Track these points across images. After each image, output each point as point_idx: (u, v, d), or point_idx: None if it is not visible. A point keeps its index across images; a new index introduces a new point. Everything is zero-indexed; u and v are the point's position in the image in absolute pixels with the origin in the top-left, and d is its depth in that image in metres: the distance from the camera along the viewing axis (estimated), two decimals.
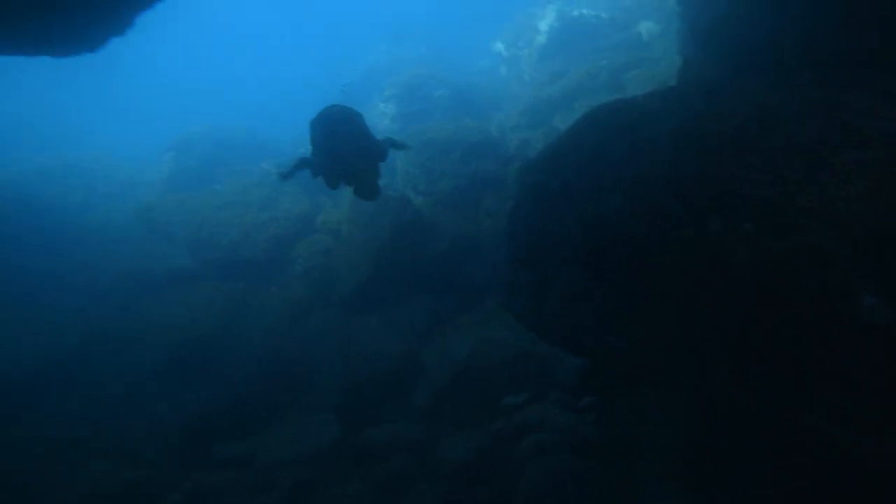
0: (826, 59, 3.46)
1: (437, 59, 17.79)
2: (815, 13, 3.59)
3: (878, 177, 2.60)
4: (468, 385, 5.75)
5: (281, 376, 6.27)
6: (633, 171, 3.67)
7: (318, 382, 6.22)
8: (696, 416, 3.16)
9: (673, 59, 8.46)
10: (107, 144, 15.22)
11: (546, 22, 13.66)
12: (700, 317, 2.93)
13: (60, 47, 4.54)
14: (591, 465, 3.87)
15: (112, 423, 5.62)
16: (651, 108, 4.24)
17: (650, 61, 10.55)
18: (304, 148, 5.27)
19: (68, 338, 6.80)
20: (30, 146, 13.92)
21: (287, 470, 4.66)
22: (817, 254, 2.53)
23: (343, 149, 4.37)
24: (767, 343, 2.55)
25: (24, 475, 4.91)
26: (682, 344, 3.00)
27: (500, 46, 15.50)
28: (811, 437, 2.37)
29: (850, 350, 2.30)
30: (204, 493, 4.62)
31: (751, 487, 3.01)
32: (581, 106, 10.35)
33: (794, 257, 2.56)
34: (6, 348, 6.46)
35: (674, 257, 3.11)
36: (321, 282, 8.59)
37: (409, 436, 4.97)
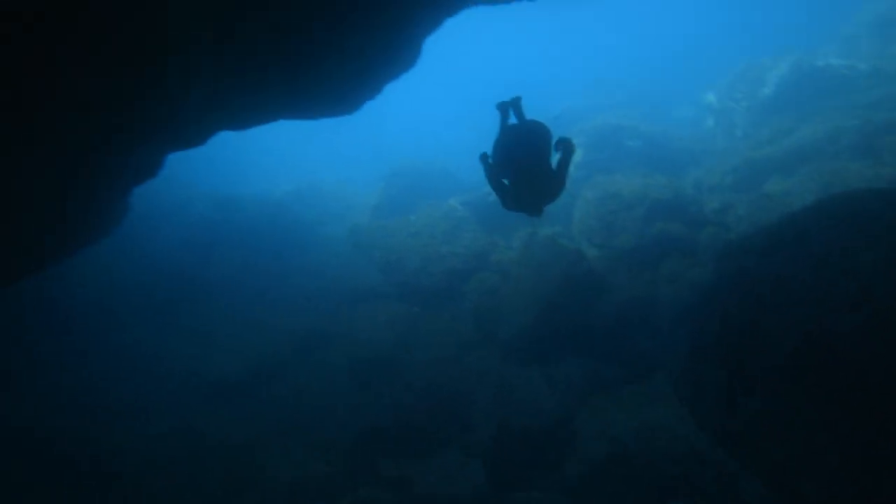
0: None
1: (636, 105, 17.19)
2: None
3: None
4: (627, 471, 5.29)
5: (442, 409, 6.74)
6: (891, 286, 2.97)
7: (473, 424, 6.50)
8: None
9: None
10: (343, 172, 18.65)
11: (776, 73, 12.04)
12: None
13: (332, 111, 5.85)
14: None
15: (305, 419, 6.84)
16: None
17: None
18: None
19: (290, 337, 8.54)
20: (288, 172, 18.09)
21: None
22: None
23: (526, 156, 4.20)
24: None
25: (230, 457, 6.30)
26: None
27: (710, 97, 14.19)
28: None
29: None
30: None
31: None
32: (809, 173, 8.80)
33: None
34: (253, 341, 8.44)
35: None
36: (487, 320, 8.97)
37: None
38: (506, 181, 4.34)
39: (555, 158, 4.46)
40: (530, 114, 5.10)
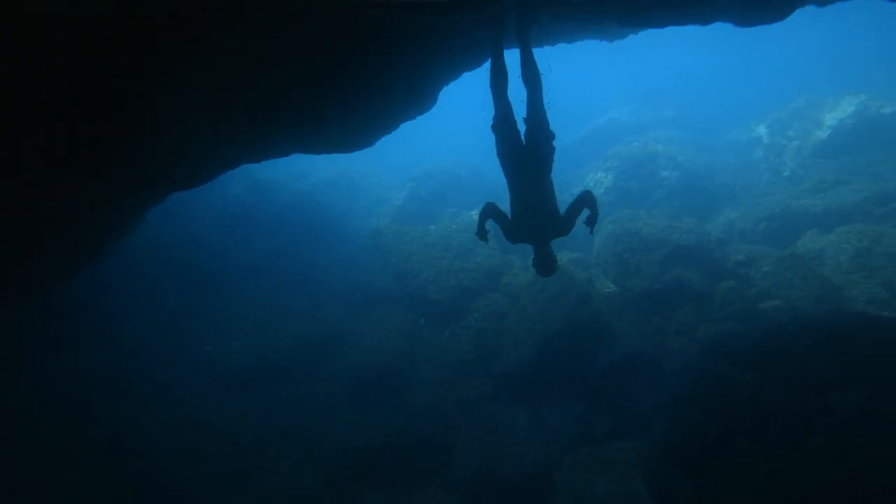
0: None
1: (685, 125, 16.41)
2: None
3: None
4: None
5: (429, 438, 6.95)
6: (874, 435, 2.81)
7: (455, 459, 6.68)
8: None
9: None
10: (379, 162, 18.11)
11: (835, 115, 11.19)
12: None
13: (348, 147, 5.94)
14: None
15: (303, 425, 7.15)
16: None
17: None
18: None
19: (304, 335, 8.81)
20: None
21: None
22: None
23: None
24: None
25: (231, 454, 6.70)
26: None
27: (761, 129, 13.35)
28: None
29: None
30: None
31: None
32: (848, 234, 8.27)
33: None
34: (270, 333, 8.70)
35: None
36: (487, 346, 9.01)
37: None
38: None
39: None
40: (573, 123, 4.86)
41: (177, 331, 8.73)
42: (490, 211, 4.61)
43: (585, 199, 4.37)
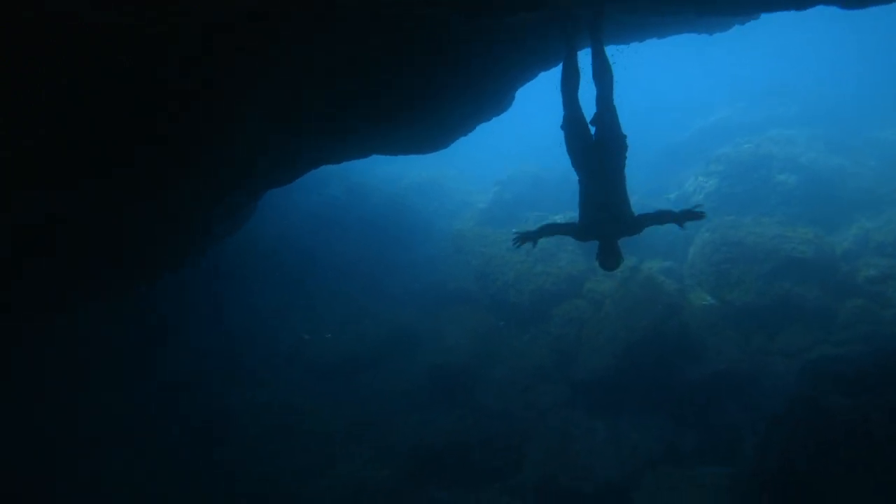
0: None
1: (813, 123, 14.42)
2: None
3: None
4: None
5: (501, 440, 6.95)
6: None
7: (525, 464, 6.62)
8: None
9: None
10: (469, 166, 17.95)
11: None
12: None
13: (423, 150, 6.26)
14: None
15: (382, 417, 7.55)
16: None
17: None
18: None
19: (386, 332, 9.27)
20: (417, 157, 18.69)
21: None
22: None
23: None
24: None
25: (315, 440, 7.21)
26: None
27: None
28: None
29: None
30: None
31: None
32: None
33: None
34: (355, 329, 9.29)
35: None
36: (566, 352, 8.79)
37: None
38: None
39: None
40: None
41: (272, 322, 9.44)
42: (550, 229, 4.58)
43: (663, 217, 4.20)
